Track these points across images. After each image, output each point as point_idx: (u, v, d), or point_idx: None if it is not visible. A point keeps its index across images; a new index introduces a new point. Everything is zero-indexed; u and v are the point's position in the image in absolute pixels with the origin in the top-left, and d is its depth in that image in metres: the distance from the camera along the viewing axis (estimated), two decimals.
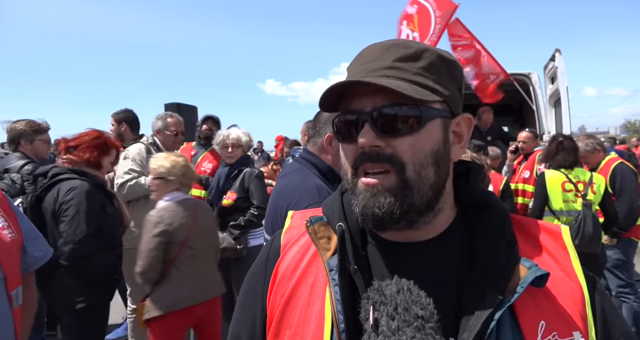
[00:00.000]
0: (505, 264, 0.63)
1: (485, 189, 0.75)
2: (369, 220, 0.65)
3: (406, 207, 0.63)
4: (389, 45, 0.68)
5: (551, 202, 3.50)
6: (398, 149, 0.63)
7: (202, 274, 2.51)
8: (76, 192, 2.31)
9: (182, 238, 2.45)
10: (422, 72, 0.65)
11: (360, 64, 0.68)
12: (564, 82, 4.50)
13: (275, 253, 0.76)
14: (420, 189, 0.64)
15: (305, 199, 1.61)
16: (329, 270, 0.66)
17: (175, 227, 2.42)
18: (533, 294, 0.62)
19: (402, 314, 0.57)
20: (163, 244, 2.38)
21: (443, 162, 0.67)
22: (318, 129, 1.88)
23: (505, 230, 0.67)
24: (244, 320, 0.77)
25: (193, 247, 2.48)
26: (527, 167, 4.67)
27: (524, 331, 0.60)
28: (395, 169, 0.63)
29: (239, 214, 3.30)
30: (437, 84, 0.65)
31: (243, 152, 3.47)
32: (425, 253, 0.68)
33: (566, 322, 0.62)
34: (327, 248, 0.69)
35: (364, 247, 0.71)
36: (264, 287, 0.74)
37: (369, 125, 0.63)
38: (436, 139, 0.65)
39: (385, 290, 0.60)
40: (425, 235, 0.69)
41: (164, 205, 2.51)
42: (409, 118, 0.63)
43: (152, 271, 2.39)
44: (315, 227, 0.72)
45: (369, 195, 0.64)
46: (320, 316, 0.65)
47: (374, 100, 0.64)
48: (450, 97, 0.67)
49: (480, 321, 0.58)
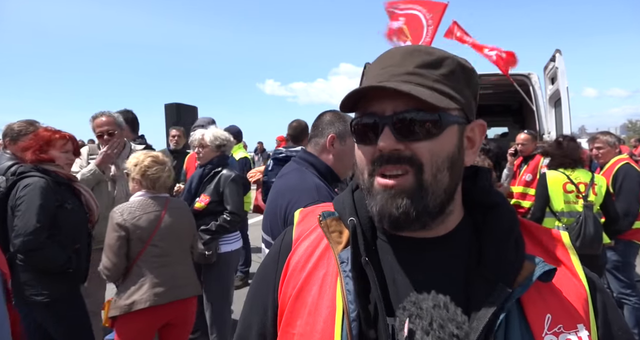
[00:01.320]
0: (513, 260, 0.66)
1: (493, 190, 0.78)
2: (385, 221, 0.67)
3: (421, 209, 0.65)
4: (411, 50, 0.70)
5: (552, 203, 3.50)
6: (417, 151, 0.65)
7: (168, 274, 2.43)
8: (30, 188, 2.39)
9: (144, 235, 2.39)
10: (442, 79, 0.67)
11: (381, 68, 0.70)
12: (564, 82, 4.49)
13: (287, 246, 0.79)
14: (435, 191, 0.66)
15: (305, 198, 1.61)
16: (340, 263, 0.69)
17: (133, 222, 2.37)
18: (539, 288, 0.65)
19: (437, 330, 0.58)
20: (122, 239, 2.35)
21: (457, 167, 0.69)
22: (321, 129, 1.88)
23: (513, 229, 0.70)
24: (255, 312, 0.80)
25: (158, 246, 2.42)
26: (529, 170, 4.62)
27: (531, 323, 0.63)
28: (414, 169, 0.65)
29: (211, 218, 3.13)
30: (455, 91, 0.68)
31: (213, 151, 3.28)
32: (434, 249, 0.71)
33: (570, 315, 0.65)
34: (338, 241, 0.72)
35: (374, 242, 0.73)
36: (275, 279, 0.77)
37: (388, 129, 0.65)
38: (452, 144, 0.68)
39: (422, 304, 0.61)
40: (434, 233, 0.71)
41: (130, 201, 2.50)
42: (428, 124, 0.65)
43: (113, 267, 2.36)
44: (327, 221, 0.75)
45: (387, 196, 0.66)
46: (332, 306, 0.68)
47: (394, 105, 0.66)
48: (466, 104, 0.70)
49: (490, 312, 0.60)
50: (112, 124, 3.25)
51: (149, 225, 2.41)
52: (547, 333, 0.62)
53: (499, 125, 8.91)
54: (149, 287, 2.35)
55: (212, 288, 3.19)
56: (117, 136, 3.25)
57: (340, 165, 1.91)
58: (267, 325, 0.76)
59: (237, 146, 5.53)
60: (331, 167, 1.87)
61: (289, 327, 0.71)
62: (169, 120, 7.75)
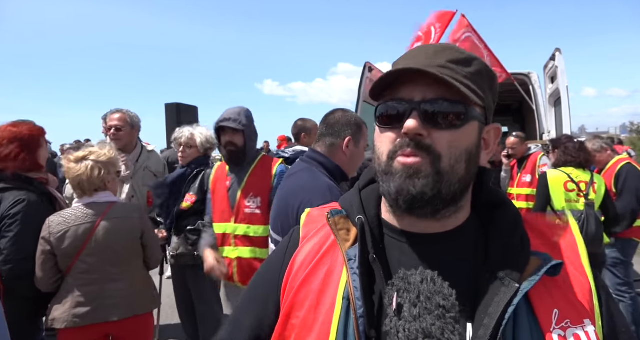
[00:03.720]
0: (520, 257, 0.67)
1: (497, 189, 0.79)
2: (401, 199, 0.67)
3: (436, 191, 0.66)
4: (443, 47, 0.73)
5: (553, 202, 3.51)
6: (437, 141, 0.67)
7: (97, 293, 2.15)
8: (23, 206, 2.10)
9: (71, 251, 2.12)
10: (471, 76, 0.69)
11: (412, 59, 0.71)
12: (564, 82, 4.50)
13: (295, 244, 0.81)
14: (451, 179, 0.67)
15: (318, 198, 1.61)
16: (347, 260, 0.70)
17: (58, 237, 2.11)
18: (546, 284, 0.66)
19: (424, 302, 0.61)
20: (46, 253, 2.11)
21: (473, 162, 0.70)
22: (337, 130, 1.89)
23: (518, 227, 0.71)
24: (256, 301, 0.81)
25: (86, 262, 2.15)
26: (527, 171, 4.64)
27: (540, 318, 0.63)
28: (431, 158, 0.66)
29: (196, 217, 3.06)
30: (481, 90, 0.70)
31: (198, 153, 3.22)
32: (441, 244, 0.71)
33: (577, 310, 0.65)
34: (346, 239, 0.74)
35: (382, 239, 0.75)
36: (280, 275, 0.78)
37: (417, 113, 0.66)
38: (472, 139, 0.70)
39: (410, 279, 0.64)
40: (442, 228, 0.72)
41: (66, 210, 2.24)
42: (453, 114, 0.67)
43: (40, 281, 2.14)
44: (335, 219, 0.77)
45: (405, 175, 0.67)
46: (332, 301, 0.69)
47: (424, 92, 0.67)
48: (488, 105, 0.73)
49: (500, 308, 0.61)
50: (123, 121, 3.24)
51: (77, 239, 2.13)
52: (555, 328, 0.63)
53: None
54: (70, 307, 2.11)
55: (203, 288, 3.16)
56: (124, 133, 3.24)
57: (352, 166, 1.95)
58: (265, 319, 0.78)
59: None
60: (342, 167, 1.89)
61: (289, 319, 0.72)
62: (169, 120, 7.76)
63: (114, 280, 2.21)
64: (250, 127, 2.63)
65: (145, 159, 3.43)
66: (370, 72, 4.97)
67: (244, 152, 2.59)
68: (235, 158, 2.61)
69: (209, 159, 3.38)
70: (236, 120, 2.55)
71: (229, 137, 2.58)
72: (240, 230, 2.55)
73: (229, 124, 2.55)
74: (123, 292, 2.23)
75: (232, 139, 2.57)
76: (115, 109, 3.33)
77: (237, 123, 2.54)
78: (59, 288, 2.20)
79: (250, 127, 2.64)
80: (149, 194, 3.37)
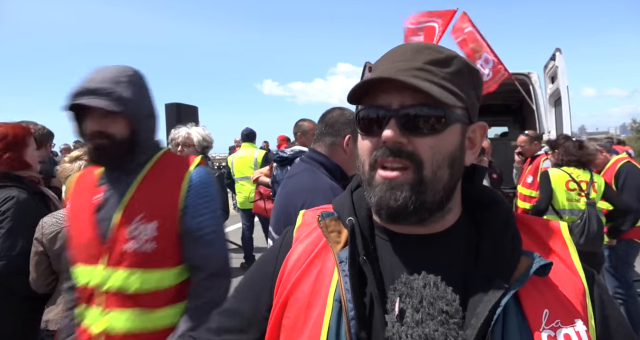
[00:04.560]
0: (510, 256, 0.67)
1: (489, 188, 0.79)
2: (383, 212, 0.67)
3: (419, 203, 0.66)
4: (422, 47, 0.71)
5: (555, 201, 3.50)
6: (419, 147, 0.66)
7: None
8: (13, 202, 2.09)
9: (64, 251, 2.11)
10: (450, 77, 0.68)
11: (391, 62, 0.70)
12: (565, 81, 4.49)
13: (287, 244, 0.81)
14: (434, 187, 0.67)
15: (320, 198, 1.60)
16: (339, 262, 0.69)
17: (51, 238, 2.08)
18: (536, 284, 0.66)
19: (426, 307, 0.60)
20: (39, 254, 2.10)
21: (457, 165, 0.70)
22: (337, 128, 1.88)
23: (510, 226, 0.71)
24: (247, 298, 0.81)
25: None
26: (531, 172, 4.63)
27: (529, 318, 0.63)
28: (413, 166, 0.66)
29: None
30: (461, 90, 0.68)
31: (196, 152, 3.24)
32: (432, 245, 0.71)
33: (568, 310, 0.65)
34: (337, 241, 0.73)
35: (373, 241, 0.74)
36: (273, 273, 0.78)
37: (394, 121, 0.65)
38: (454, 143, 0.69)
39: (413, 284, 0.63)
40: (432, 230, 0.72)
41: (59, 210, 2.21)
42: (433, 119, 0.66)
43: (35, 283, 2.12)
44: (326, 221, 0.76)
45: (385, 188, 0.66)
46: (323, 304, 0.69)
47: (401, 98, 0.66)
48: (470, 105, 0.71)
49: (487, 308, 0.61)
50: None
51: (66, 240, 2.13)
52: (544, 328, 0.62)
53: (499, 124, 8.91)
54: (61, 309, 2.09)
55: None
56: None
57: (352, 164, 1.94)
58: (257, 314, 0.77)
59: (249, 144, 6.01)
60: (342, 166, 1.88)
61: (280, 322, 0.72)
62: (169, 120, 7.76)
63: None
64: (136, 103, 1.43)
65: None
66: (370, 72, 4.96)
67: (123, 146, 1.42)
68: (107, 157, 1.44)
69: (207, 159, 3.40)
70: (108, 94, 1.36)
71: (96, 124, 1.40)
72: (114, 281, 1.41)
73: (92, 102, 1.34)
74: None
75: (101, 127, 1.40)
76: None
77: (110, 99, 1.35)
78: (54, 289, 2.18)
79: (138, 104, 1.44)
80: None
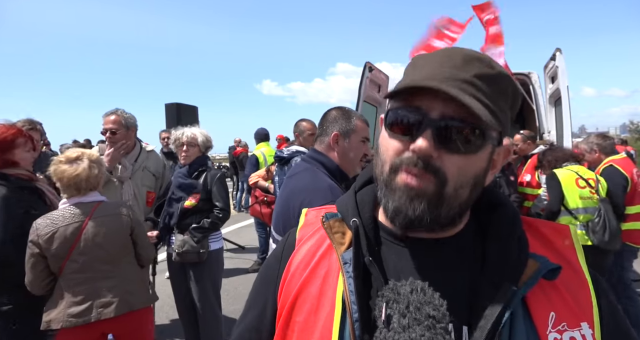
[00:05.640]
0: (517, 259, 0.66)
1: (496, 190, 0.78)
2: (399, 220, 0.66)
3: (434, 217, 0.65)
4: (473, 57, 0.66)
5: (567, 201, 3.44)
6: (447, 165, 0.63)
7: (90, 291, 2.18)
8: None
9: (61, 252, 2.15)
10: (494, 96, 0.65)
11: (437, 65, 0.66)
12: (565, 81, 4.48)
13: (290, 247, 0.80)
14: (451, 203, 0.65)
15: (318, 198, 1.61)
16: (343, 263, 0.69)
17: (47, 239, 2.13)
18: (543, 287, 0.65)
19: (413, 312, 0.60)
20: (36, 256, 2.14)
21: (479, 186, 0.69)
22: (325, 127, 1.89)
23: (516, 228, 0.70)
24: (255, 307, 0.81)
25: (77, 261, 2.17)
26: (527, 170, 4.66)
27: (536, 321, 0.63)
28: (437, 181, 0.63)
29: (198, 216, 3.17)
30: (502, 112, 0.66)
31: (200, 152, 3.30)
32: (439, 248, 0.70)
33: (574, 313, 0.65)
34: (341, 242, 0.73)
35: (377, 241, 0.73)
36: (277, 278, 0.77)
37: (431, 131, 0.62)
38: (482, 165, 0.67)
39: (400, 290, 0.63)
40: (440, 235, 0.71)
41: (52, 212, 2.26)
42: (469, 138, 0.63)
43: (31, 285, 2.16)
44: (330, 222, 0.75)
45: (405, 196, 0.65)
46: (332, 305, 0.68)
47: (443, 108, 0.63)
48: (504, 127, 0.68)
49: (496, 311, 0.61)
50: (117, 123, 3.21)
51: (66, 240, 2.16)
52: (551, 331, 0.62)
53: None
54: (64, 307, 2.13)
55: (203, 285, 3.20)
56: (120, 136, 3.21)
57: (346, 163, 1.92)
58: (264, 322, 0.78)
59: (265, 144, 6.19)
60: (340, 165, 1.88)
61: (288, 324, 0.72)
62: (169, 120, 7.76)
63: (106, 278, 2.24)
64: None
65: (144, 159, 3.42)
66: (371, 72, 4.96)
67: None
68: None
69: (208, 159, 3.44)
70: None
71: None
72: None
73: None
74: (116, 289, 2.25)
75: None
76: (112, 110, 3.30)
77: None
78: (52, 290, 2.21)
79: None
80: (149, 194, 3.38)
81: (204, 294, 3.22)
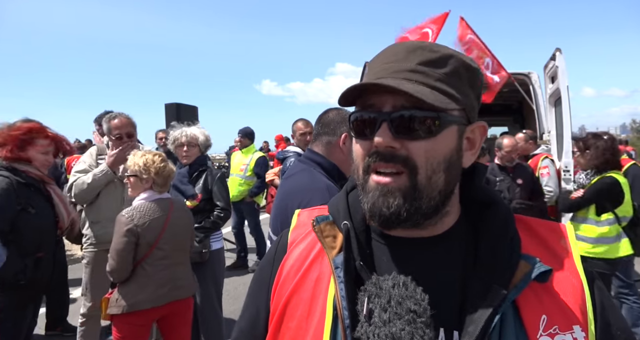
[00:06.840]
0: (509, 261, 0.65)
1: (489, 188, 0.77)
2: (376, 219, 0.66)
3: (413, 210, 0.64)
4: (415, 47, 0.68)
5: (623, 207, 3.30)
6: (413, 151, 0.64)
7: (170, 275, 2.49)
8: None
9: (151, 239, 2.43)
10: (445, 78, 0.66)
11: (383, 63, 0.68)
12: (565, 81, 4.47)
13: (282, 250, 0.79)
14: (429, 193, 0.65)
15: (317, 199, 1.60)
16: (334, 268, 0.68)
17: (144, 228, 2.41)
18: (535, 289, 0.64)
19: (394, 307, 0.60)
20: (132, 244, 2.37)
21: (454, 169, 0.68)
22: (333, 127, 1.88)
23: (509, 228, 0.69)
24: (249, 311, 0.81)
25: (163, 249, 2.46)
26: None
27: (526, 325, 0.62)
28: (407, 170, 0.64)
29: (200, 215, 3.18)
30: (458, 91, 0.66)
31: (200, 152, 3.30)
32: (430, 249, 0.70)
33: (566, 316, 0.63)
34: (332, 246, 0.72)
35: (369, 244, 0.72)
36: (269, 282, 0.77)
37: (386, 125, 0.64)
38: (451, 146, 0.66)
39: (382, 284, 0.63)
40: (429, 233, 0.70)
41: (136, 205, 2.50)
42: (427, 122, 0.63)
43: (121, 271, 2.38)
44: (321, 226, 0.75)
45: (378, 193, 0.65)
46: (323, 311, 0.67)
47: (394, 101, 0.64)
48: (468, 105, 0.68)
49: (485, 315, 0.60)
50: (130, 126, 3.22)
51: (157, 229, 2.45)
52: (542, 334, 0.61)
53: (499, 124, 8.91)
54: (153, 289, 2.40)
55: (205, 285, 3.21)
56: (133, 138, 3.23)
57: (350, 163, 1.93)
58: (258, 326, 0.77)
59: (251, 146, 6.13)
60: (340, 165, 1.88)
61: (280, 329, 0.71)
62: (169, 120, 7.75)
63: (180, 264, 2.59)
64: None
65: None
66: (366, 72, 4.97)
67: None
68: None
69: (207, 158, 3.45)
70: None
71: None
72: None
73: None
74: (186, 274, 2.63)
75: None
76: (115, 113, 3.26)
77: None
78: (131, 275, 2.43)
79: None
80: None
81: (207, 294, 3.22)
